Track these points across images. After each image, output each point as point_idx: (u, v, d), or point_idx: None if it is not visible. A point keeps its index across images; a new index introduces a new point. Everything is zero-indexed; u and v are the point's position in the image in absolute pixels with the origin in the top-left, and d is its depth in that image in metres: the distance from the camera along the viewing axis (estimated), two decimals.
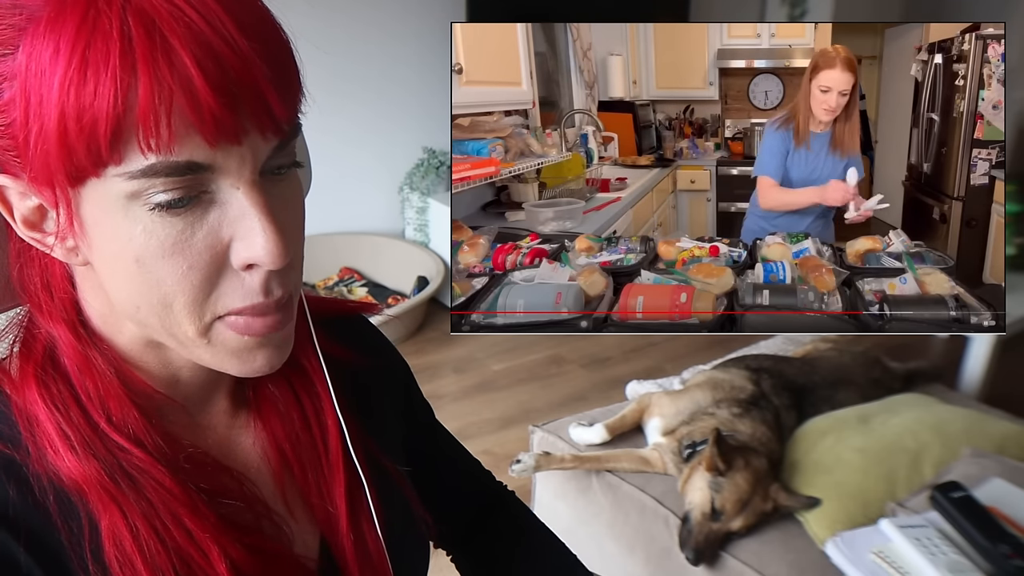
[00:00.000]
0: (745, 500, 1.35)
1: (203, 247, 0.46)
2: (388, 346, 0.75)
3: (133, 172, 0.43)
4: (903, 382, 1.78)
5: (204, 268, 0.46)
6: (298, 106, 0.48)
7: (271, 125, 0.45)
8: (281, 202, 0.48)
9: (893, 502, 1.39)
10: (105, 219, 0.45)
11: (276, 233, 0.46)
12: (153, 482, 0.50)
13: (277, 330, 0.50)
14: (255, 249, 0.46)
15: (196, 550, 0.50)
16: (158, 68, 0.41)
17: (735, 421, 1.48)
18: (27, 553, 0.47)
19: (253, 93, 0.43)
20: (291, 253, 0.47)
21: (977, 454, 1.47)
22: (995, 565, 1.17)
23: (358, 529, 0.61)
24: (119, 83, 0.40)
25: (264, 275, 0.47)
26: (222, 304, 0.48)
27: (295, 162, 0.50)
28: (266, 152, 0.46)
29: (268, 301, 0.48)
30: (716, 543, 1.35)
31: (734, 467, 1.35)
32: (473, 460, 0.85)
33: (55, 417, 0.50)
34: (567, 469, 1.57)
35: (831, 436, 1.51)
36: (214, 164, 0.44)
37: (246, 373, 0.51)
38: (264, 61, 0.43)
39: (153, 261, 0.45)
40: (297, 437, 0.60)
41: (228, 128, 0.43)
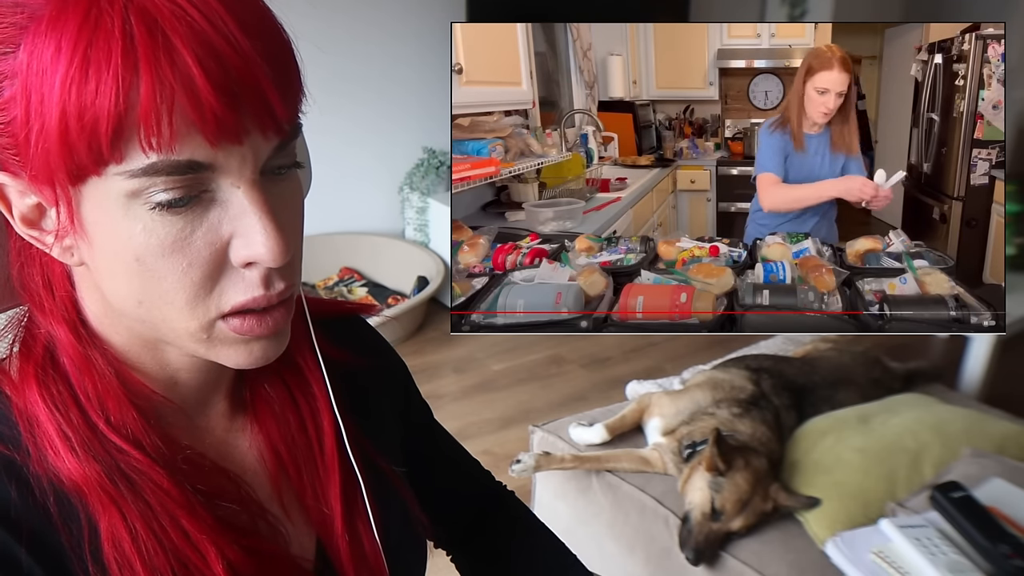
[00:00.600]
0: (745, 500, 1.35)
1: (203, 245, 0.46)
2: (386, 347, 0.75)
3: (134, 171, 0.43)
4: (903, 382, 1.78)
5: (204, 266, 0.46)
6: (299, 106, 0.48)
7: (272, 125, 0.45)
8: (281, 201, 0.48)
9: (893, 502, 1.39)
10: (105, 218, 0.45)
11: (276, 231, 0.46)
12: (151, 483, 0.50)
13: (278, 330, 0.51)
14: (255, 247, 0.46)
15: (193, 551, 0.50)
16: (160, 67, 0.41)
17: (735, 421, 1.48)
18: (28, 554, 0.47)
19: (255, 93, 0.43)
20: (291, 251, 0.47)
21: (977, 454, 1.47)
22: (995, 565, 1.17)
23: (353, 530, 0.61)
24: (121, 81, 0.40)
25: (264, 270, 0.48)
26: (224, 300, 0.48)
27: (295, 162, 0.50)
28: (267, 152, 0.46)
29: (270, 294, 0.48)
30: (716, 543, 1.35)
31: (734, 467, 1.35)
32: (472, 460, 0.85)
33: (55, 418, 0.50)
34: (567, 469, 1.57)
35: (831, 436, 1.51)
36: (215, 163, 0.44)
37: (243, 365, 0.52)
38: (266, 61, 0.43)
39: (153, 259, 0.45)
40: (293, 439, 0.60)
41: (229, 127, 0.43)
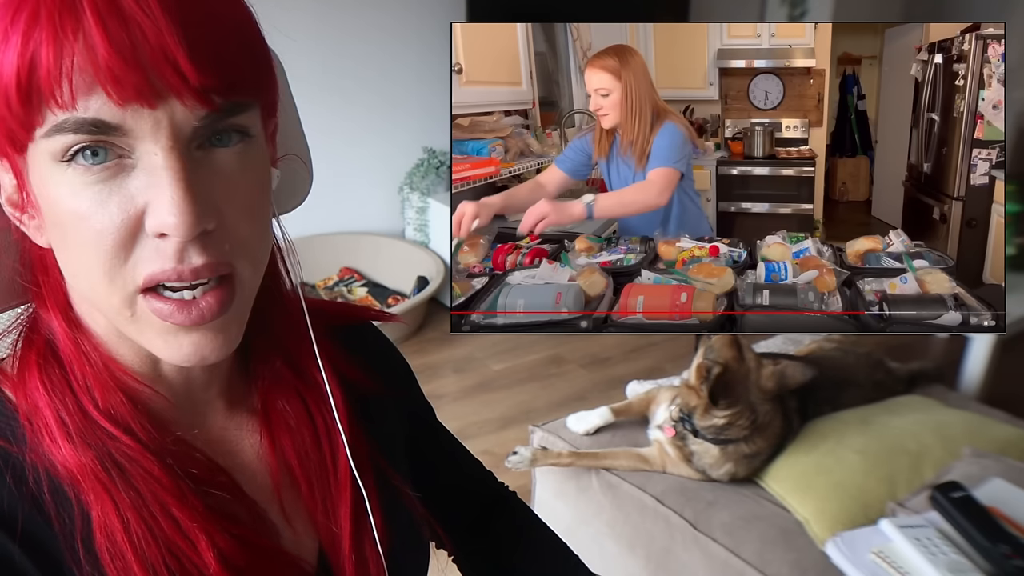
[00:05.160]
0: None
1: (116, 211, 0.45)
2: (395, 352, 0.76)
3: (48, 130, 0.44)
4: (906, 384, 1.78)
5: (116, 232, 0.45)
6: (234, 79, 0.46)
7: (188, 91, 0.44)
8: (215, 174, 0.47)
9: (893, 502, 1.39)
10: (43, 186, 0.46)
11: (185, 200, 0.44)
12: (141, 470, 0.50)
13: (202, 322, 0.48)
14: (162, 216, 0.45)
15: (184, 540, 0.50)
16: (61, 25, 0.42)
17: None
18: (21, 547, 0.48)
19: (159, 54, 0.43)
20: (204, 224, 0.45)
21: (977, 454, 1.47)
22: (995, 565, 1.17)
23: (360, 551, 0.60)
24: (23, 42, 0.42)
25: (177, 243, 0.46)
26: (138, 271, 0.47)
27: (245, 134, 0.48)
28: (191, 121, 0.45)
29: (181, 268, 0.46)
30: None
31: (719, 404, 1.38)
32: (475, 461, 0.85)
33: (54, 403, 0.51)
34: (563, 465, 1.57)
35: (832, 437, 1.51)
36: (124, 125, 0.44)
37: (176, 360, 0.50)
38: (178, 24, 0.43)
39: (74, 225, 0.46)
40: (307, 454, 0.60)
41: (130, 87, 0.43)
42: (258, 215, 0.51)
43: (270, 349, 0.60)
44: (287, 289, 0.61)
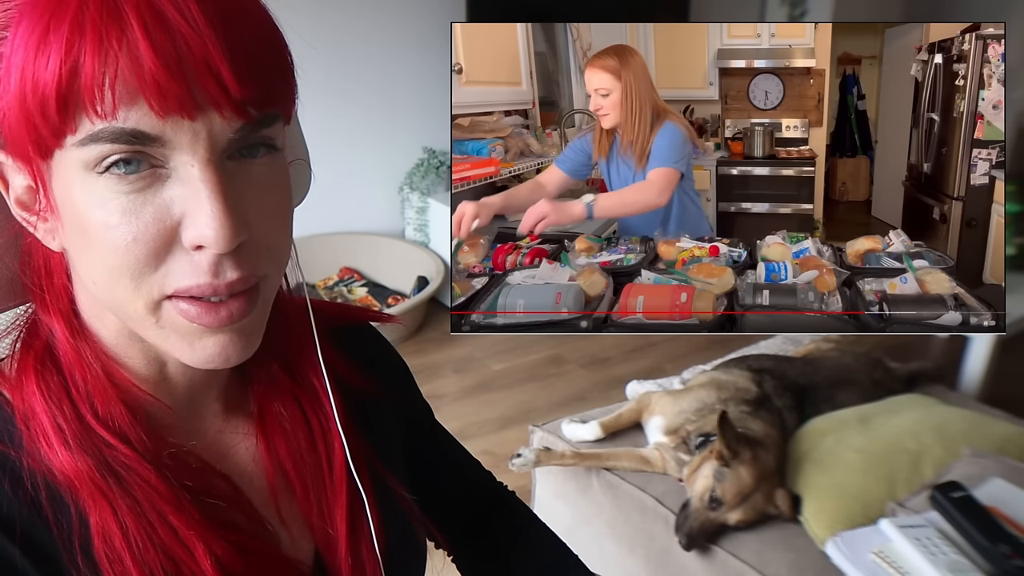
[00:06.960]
0: (746, 494, 1.35)
1: (151, 220, 0.45)
2: (393, 354, 0.76)
3: (83, 139, 0.43)
4: (905, 384, 1.78)
5: (149, 242, 0.45)
6: (269, 91, 0.46)
7: (228, 104, 0.44)
8: (247, 186, 0.47)
9: (893, 502, 1.39)
10: (68, 192, 0.46)
11: (225, 214, 0.44)
12: (138, 479, 0.50)
13: (229, 323, 0.49)
14: (200, 228, 0.45)
15: (181, 547, 0.50)
16: (106, 34, 0.41)
17: (746, 419, 1.47)
18: (21, 550, 0.48)
19: (203, 66, 0.43)
20: (240, 236, 0.46)
21: (977, 454, 1.46)
22: (995, 565, 1.17)
23: (356, 553, 0.60)
24: (67, 50, 0.41)
25: (213, 256, 0.46)
26: (169, 281, 0.47)
27: (272, 146, 0.49)
28: (227, 132, 0.45)
29: (216, 282, 0.46)
30: (710, 532, 1.35)
31: (740, 458, 1.35)
32: (474, 462, 0.85)
33: (51, 410, 0.51)
34: (567, 466, 1.57)
35: (831, 436, 1.50)
36: (163, 136, 0.44)
37: (198, 363, 0.49)
38: (223, 38, 0.43)
39: (102, 233, 0.45)
40: (302, 457, 0.60)
41: (173, 98, 0.42)
42: (286, 225, 0.51)
43: (266, 353, 0.60)
44: (284, 292, 0.61)
